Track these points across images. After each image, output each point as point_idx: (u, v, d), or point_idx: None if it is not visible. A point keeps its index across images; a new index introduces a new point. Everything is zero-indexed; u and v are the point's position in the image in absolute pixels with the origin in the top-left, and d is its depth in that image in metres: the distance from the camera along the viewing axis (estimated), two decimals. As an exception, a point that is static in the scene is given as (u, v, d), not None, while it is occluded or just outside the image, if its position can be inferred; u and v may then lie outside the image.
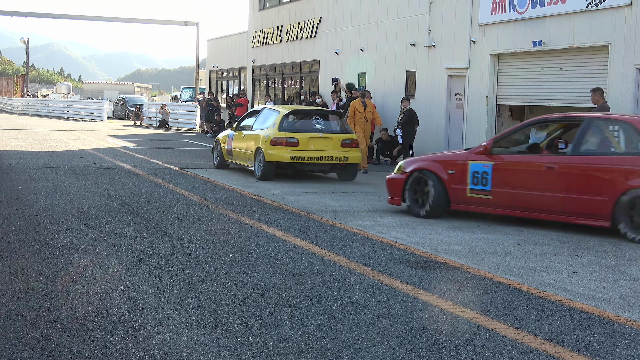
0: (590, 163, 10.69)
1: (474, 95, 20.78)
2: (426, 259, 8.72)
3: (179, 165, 19.81)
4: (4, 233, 9.38)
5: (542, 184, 11.04)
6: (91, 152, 23.36)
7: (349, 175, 17.46)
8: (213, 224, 10.79)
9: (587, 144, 10.99)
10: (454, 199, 11.92)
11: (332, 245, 9.31)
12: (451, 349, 5.45)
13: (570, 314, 6.49)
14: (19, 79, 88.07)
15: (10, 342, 5.30)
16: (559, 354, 5.41)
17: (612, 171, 10.44)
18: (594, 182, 10.56)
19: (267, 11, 35.91)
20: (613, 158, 10.59)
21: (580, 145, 10.97)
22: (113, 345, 5.32)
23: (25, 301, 6.34)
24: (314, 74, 31.11)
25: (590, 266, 8.57)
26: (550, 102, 18.46)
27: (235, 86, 40.43)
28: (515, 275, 7.93)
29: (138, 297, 6.59)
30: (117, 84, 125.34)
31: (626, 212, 10.13)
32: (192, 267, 7.87)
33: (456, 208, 11.99)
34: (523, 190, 11.23)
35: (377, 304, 6.63)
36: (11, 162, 18.79)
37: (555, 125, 12.25)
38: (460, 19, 21.27)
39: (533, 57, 18.95)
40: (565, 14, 17.47)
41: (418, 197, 12.15)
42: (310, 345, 5.45)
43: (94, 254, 8.34)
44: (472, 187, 11.70)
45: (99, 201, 12.52)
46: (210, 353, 5.24)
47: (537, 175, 11.15)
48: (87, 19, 55.88)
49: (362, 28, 26.75)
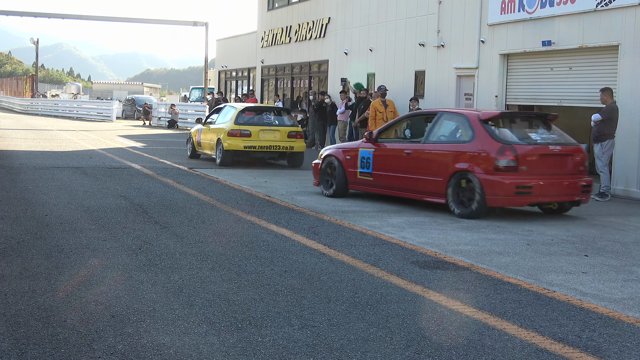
0: (433, 150, 12.67)
1: (483, 95, 20.75)
2: (435, 259, 8.71)
3: (187, 165, 19.84)
4: (14, 233, 9.41)
5: (403, 168, 13.09)
6: (100, 152, 23.41)
7: (296, 162, 20.48)
8: (222, 224, 10.80)
9: (435, 134, 12.87)
10: (350, 181, 14.06)
11: (341, 245, 9.31)
12: (460, 350, 5.44)
13: (580, 315, 6.47)
14: (29, 79, 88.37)
15: (20, 342, 5.32)
16: (569, 355, 5.40)
17: (446, 156, 12.35)
18: (435, 166, 12.50)
19: (276, 11, 35.92)
20: (448, 145, 12.51)
21: (430, 135, 12.91)
22: (122, 344, 5.34)
23: (34, 301, 6.35)
24: (322, 74, 31.11)
25: (600, 266, 8.55)
26: (560, 102, 18.42)
27: (244, 86, 40.47)
28: (524, 276, 7.92)
29: (147, 297, 6.60)
30: (126, 84, 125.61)
31: (453, 190, 12.07)
32: (201, 266, 7.87)
33: (352, 188, 14.12)
34: (391, 172, 13.32)
35: (386, 304, 6.62)
36: (21, 162, 18.84)
37: (424, 118, 13.86)
38: (470, 18, 21.24)
39: (542, 57, 18.91)
40: (575, 13, 17.43)
41: (328, 179, 14.32)
42: (319, 345, 5.45)
43: (103, 254, 8.36)
44: (360, 171, 13.87)
45: (108, 201, 12.55)
46: (219, 353, 5.25)
47: (400, 160, 13.18)
48: (96, 19, 55.99)
49: (371, 28, 26.74)
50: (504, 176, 11.61)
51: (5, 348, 5.17)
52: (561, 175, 12.17)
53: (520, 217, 12.24)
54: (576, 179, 12.22)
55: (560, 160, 12.20)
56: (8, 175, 15.80)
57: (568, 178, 12.18)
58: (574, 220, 12.22)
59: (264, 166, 19.98)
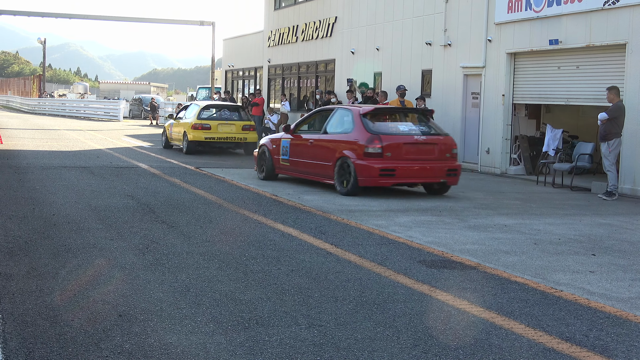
0: (327, 139, 15.04)
1: (490, 94, 20.72)
2: (442, 258, 8.70)
3: (194, 164, 19.86)
4: (22, 232, 9.43)
5: (308, 155, 15.46)
6: (107, 152, 23.45)
7: (249, 150, 24.22)
8: (229, 223, 10.81)
9: (330, 126, 15.24)
10: (276, 166, 16.54)
11: (348, 245, 9.30)
12: (467, 349, 5.44)
13: (587, 314, 6.46)
14: (36, 79, 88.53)
15: (27, 341, 5.33)
16: (576, 354, 5.39)
17: (334, 144, 14.70)
18: (328, 153, 14.81)
19: (283, 11, 35.92)
20: (337, 135, 14.87)
21: (327, 127, 15.29)
22: (130, 344, 5.34)
23: (42, 300, 6.37)
24: (329, 74, 31.10)
25: (607, 266, 8.53)
26: (567, 100, 18.38)
27: (251, 86, 40.47)
28: (531, 275, 7.90)
29: (154, 296, 6.61)
30: (133, 83, 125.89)
31: (337, 173, 14.42)
32: (208, 266, 7.88)
33: (278, 172, 16.59)
34: (301, 159, 15.67)
35: (393, 303, 6.62)
36: (28, 162, 18.89)
37: (328, 113, 15.96)
38: (476, 17, 21.21)
39: (549, 55, 18.87)
40: (582, 12, 17.39)
41: (262, 164, 16.88)
42: (326, 345, 5.45)
43: (110, 253, 8.37)
44: (282, 157, 16.29)
45: (115, 201, 12.57)
46: (227, 352, 5.25)
47: (305, 148, 15.57)
48: (103, 19, 56.04)
49: (378, 27, 26.72)
50: (371, 161, 13.91)
51: (13, 347, 5.19)
52: (425, 160, 14.26)
53: (526, 217, 12.22)
54: (441, 164, 14.35)
55: (424, 148, 14.31)
56: (16, 175, 15.84)
57: (432, 163, 14.29)
58: (582, 219, 12.20)
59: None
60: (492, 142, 20.59)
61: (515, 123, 20.28)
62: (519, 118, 20.36)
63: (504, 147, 20.29)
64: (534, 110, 20.61)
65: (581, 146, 17.41)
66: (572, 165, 16.88)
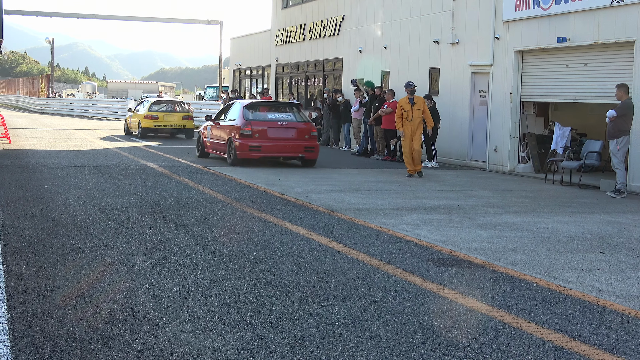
0: (225, 125, 20.35)
1: (498, 92, 20.69)
2: (450, 256, 8.69)
3: (202, 163, 19.88)
4: (30, 232, 9.46)
5: (217, 137, 20.79)
6: (116, 151, 23.49)
7: (189, 135, 31.79)
8: (237, 222, 10.82)
9: (229, 115, 20.62)
10: (205, 146, 21.83)
11: (356, 243, 9.30)
12: (476, 347, 5.43)
13: (596, 312, 6.45)
14: (44, 78, 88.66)
15: (36, 340, 5.34)
16: (585, 352, 5.38)
17: (229, 128, 19.99)
18: (224, 134, 20.22)
19: (290, 9, 35.92)
20: (230, 122, 20.13)
21: (227, 115, 20.73)
22: (138, 343, 5.36)
23: (51, 299, 6.39)
24: (337, 72, 31.09)
25: (616, 264, 8.51)
26: (575, 98, 18.33)
27: (259, 84, 40.48)
28: (540, 273, 7.89)
29: (163, 295, 6.62)
30: (141, 83, 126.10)
31: (228, 148, 19.90)
32: (217, 265, 7.89)
33: (206, 151, 21.81)
34: (214, 140, 21.01)
35: (401, 301, 6.62)
36: (37, 162, 18.94)
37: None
38: (484, 15, 21.17)
39: (557, 53, 18.82)
40: (590, 9, 17.34)
41: (198, 145, 22.41)
42: (335, 343, 5.45)
43: (118, 253, 8.39)
44: (207, 139, 21.56)
45: (123, 200, 12.59)
46: (235, 351, 5.26)
47: (217, 132, 20.87)
48: (111, 18, 56.22)
49: (385, 26, 26.70)
50: (245, 140, 19.36)
51: (22, 346, 5.20)
52: (286, 140, 19.63)
53: (534, 215, 12.20)
54: (300, 143, 19.67)
55: (286, 131, 19.66)
56: (24, 174, 15.89)
57: (292, 142, 19.64)
58: (590, 217, 12.17)
59: (277, 165, 20.18)
60: (500, 140, 20.55)
61: (523, 121, 20.24)
62: (527, 116, 20.32)
63: (512, 145, 20.25)
64: (542, 108, 20.55)
65: (589, 144, 17.36)
66: (580, 163, 16.84)
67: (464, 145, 22.21)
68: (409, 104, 18.29)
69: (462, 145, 22.28)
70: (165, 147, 26.07)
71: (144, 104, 32.79)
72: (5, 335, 5.39)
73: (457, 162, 22.38)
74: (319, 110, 30.39)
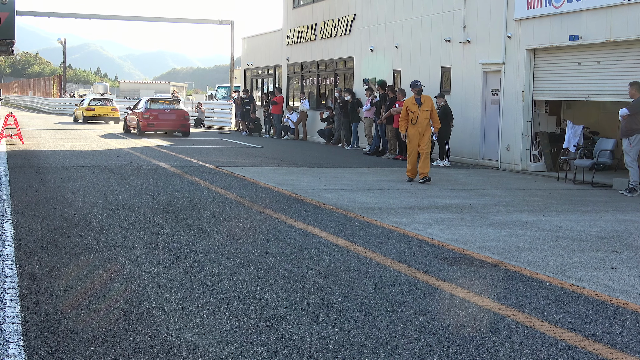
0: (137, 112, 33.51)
1: (509, 91, 20.63)
2: (463, 255, 8.68)
3: (214, 163, 19.91)
4: (43, 232, 9.49)
5: (133, 120, 33.73)
6: (128, 151, 23.56)
7: (116, 120, 45.76)
8: (249, 222, 10.83)
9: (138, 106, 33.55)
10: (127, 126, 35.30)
11: (368, 242, 9.30)
12: (489, 346, 5.42)
13: (609, 311, 6.42)
14: (57, 79, 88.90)
15: (50, 340, 5.36)
16: (598, 351, 5.36)
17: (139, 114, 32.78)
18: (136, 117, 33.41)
19: (301, 9, 35.93)
20: (140, 109, 32.85)
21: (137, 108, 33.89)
22: (151, 342, 5.37)
23: (64, 299, 6.41)
24: (348, 71, 31.08)
25: (629, 262, 8.48)
26: (587, 96, 18.27)
27: (270, 84, 40.51)
28: (553, 272, 7.87)
29: (175, 295, 6.64)
30: (152, 83, 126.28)
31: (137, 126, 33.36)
32: (229, 264, 7.90)
33: (129, 129, 34.77)
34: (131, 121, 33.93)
35: (414, 301, 6.61)
36: (49, 162, 19.01)
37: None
38: (496, 14, 21.13)
39: (569, 51, 18.76)
40: (602, 7, 17.28)
41: (124, 128, 35.82)
42: (347, 343, 5.45)
43: (131, 252, 8.41)
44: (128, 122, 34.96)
45: (136, 200, 12.62)
46: (247, 350, 5.26)
47: (133, 117, 33.88)
48: (122, 19, 56.39)
49: (397, 24, 26.68)
50: (145, 121, 32.19)
51: (36, 346, 5.23)
52: (170, 120, 32.74)
53: (547, 214, 12.17)
54: (179, 122, 32.91)
55: (170, 115, 32.73)
56: (37, 174, 15.94)
57: (174, 122, 32.83)
58: (603, 216, 12.13)
59: (289, 165, 20.14)
60: (512, 139, 20.50)
61: (535, 119, 20.18)
62: (539, 114, 20.26)
63: (524, 143, 20.20)
64: (554, 106, 20.48)
65: (602, 142, 17.30)
66: (593, 162, 16.78)
67: (475, 144, 22.17)
68: (416, 105, 17.03)
69: (474, 144, 22.24)
70: (177, 147, 26.13)
71: (86, 101, 48.49)
72: (19, 335, 5.41)
73: (469, 161, 22.35)
74: (331, 110, 30.39)
